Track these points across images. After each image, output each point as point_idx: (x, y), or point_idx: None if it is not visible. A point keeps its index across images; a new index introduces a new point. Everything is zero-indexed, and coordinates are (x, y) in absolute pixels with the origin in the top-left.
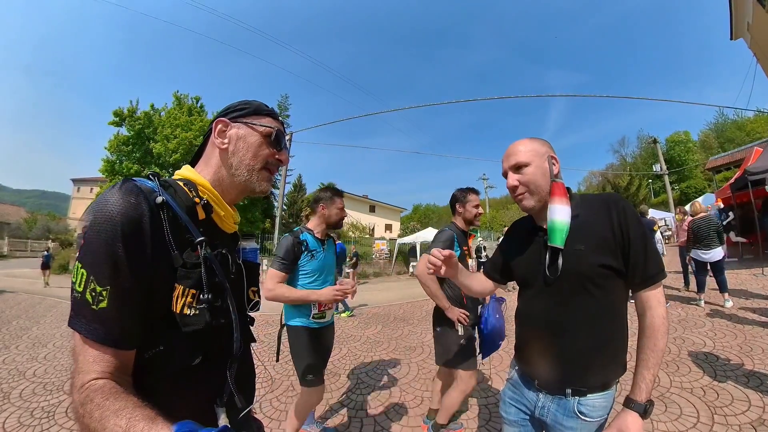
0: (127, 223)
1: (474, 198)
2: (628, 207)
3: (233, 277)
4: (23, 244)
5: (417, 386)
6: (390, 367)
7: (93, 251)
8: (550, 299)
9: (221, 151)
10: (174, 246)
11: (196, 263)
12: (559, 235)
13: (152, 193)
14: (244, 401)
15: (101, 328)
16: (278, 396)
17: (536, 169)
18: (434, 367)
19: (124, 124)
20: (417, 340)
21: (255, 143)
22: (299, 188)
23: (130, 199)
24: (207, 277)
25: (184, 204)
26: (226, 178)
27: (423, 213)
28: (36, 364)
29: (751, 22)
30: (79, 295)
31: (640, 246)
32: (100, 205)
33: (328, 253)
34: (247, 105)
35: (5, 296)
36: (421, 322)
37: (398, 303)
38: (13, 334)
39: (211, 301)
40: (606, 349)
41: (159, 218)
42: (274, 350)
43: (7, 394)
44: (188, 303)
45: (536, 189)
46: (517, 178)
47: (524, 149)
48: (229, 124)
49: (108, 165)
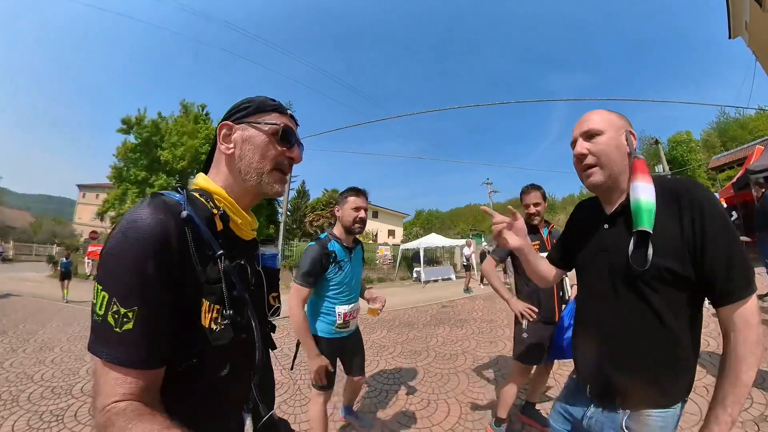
0: (158, 241)
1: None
2: (706, 199)
3: (253, 287)
4: (28, 248)
5: (423, 390)
6: (396, 371)
7: (117, 272)
8: (605, 298)
9: (228, 156)
10: (198, 261)
11: (218, 278)
12: (647, 216)
13: (178, 207)
14: (266, 408)
15: (124, 350)
16: (286, 400)
17: (610, 140)
18: (440, 371)
19: (132, 132)
20: (422, 345)
21: (261, 144)
22: (302, 194)
23: (159, 215)
24: (227, 292)
25: (204, 216)
26: (237, 185)
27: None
28: (43, 368)
29: (749, 21)
30: (100, 318)
31: (720, 251)
32: (131, 223)
33: (356, 261)
34: (249, 103)
35: (12, 300)
36: (426, 326)
37: (403, 308)
38: (20, 337)
39: (233, 316)
40: (664, 361)
41: (185, 233)
42: (281, 354)
43: (15, 398)
44: (214, 318)
45: (607, 162)
46: (588, 146)
47: (599, 117)
48: (233, 127)
49: (116, 172)
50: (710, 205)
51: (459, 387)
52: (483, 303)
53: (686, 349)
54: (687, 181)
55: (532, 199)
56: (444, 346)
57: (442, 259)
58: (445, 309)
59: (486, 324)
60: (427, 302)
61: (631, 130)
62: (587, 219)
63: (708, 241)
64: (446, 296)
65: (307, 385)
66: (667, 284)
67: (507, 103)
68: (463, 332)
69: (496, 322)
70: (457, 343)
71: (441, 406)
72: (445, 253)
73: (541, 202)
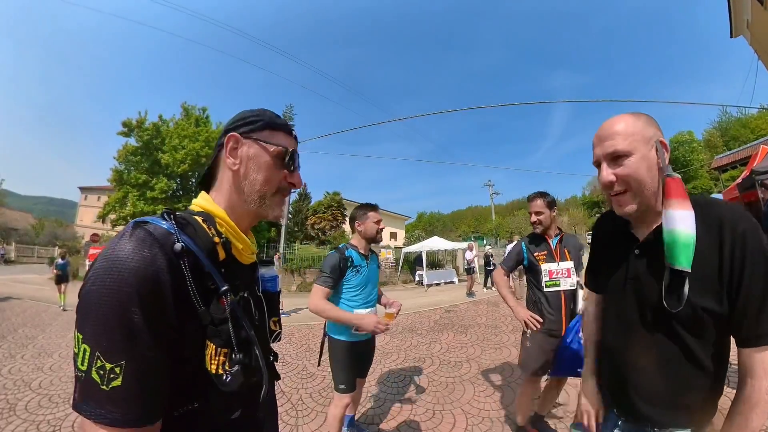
0: (142, 284)
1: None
2: (750, 232)
3: (257, 321)
4: (30, 250)
5: (427, 399)
6: (400, 379)
7: (98, 321)
8: (634, 328)
9: (233, 173)
10: (199, 299)
11: (224, 318)
12: (685, 252)
13: (169, 238)
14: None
15: (116, 410)
16: (288, 411)
17: (641, 160)
18: (445, 379)
19: (132, 135)
20: (426, 351)
21: (267, 165)
22: (304, 197)
23: (143, 251)
24: (235, 335)
25: (205, 246)
26: (238, 205)
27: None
28: (42, 375)
29: (750, 20)
30: (83, 374)
31: (756, 290)
32: (108, 261)
33: (372, 267)
34: (259, 118)
35: (11, 303)
36: (429, 332)
37: (405, 313)
38: (18, 342)
39: (243, 360)
40: (692, 394)
41: (180, 269)
42: (282, 362)
43: (12, 406)
44: (221, 363)
45: (639, 188)
46: (615, 172)
47: (625, 131)
48: (240, 141)
49: (117, 174)
50: (754, 238)
51: (465, 396)
52: (487, 308)
53: (714, 381)
54: (732, 208)
55: (534, 207)
56: (448, 353)
57: (444, 262)
58: (449, 314)
59: (490, 330)
60: (430, 306)
61: (662, 139)
62: (615, 239)
63: (744, 278)
64: (449, 300)
65: (310, 395)
66: (701, 322)
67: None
68: (467, 338)
69: (500, 328)
70: (461, 350)
71: (447, 417)
72: (448, 256)
73: (543, 210)
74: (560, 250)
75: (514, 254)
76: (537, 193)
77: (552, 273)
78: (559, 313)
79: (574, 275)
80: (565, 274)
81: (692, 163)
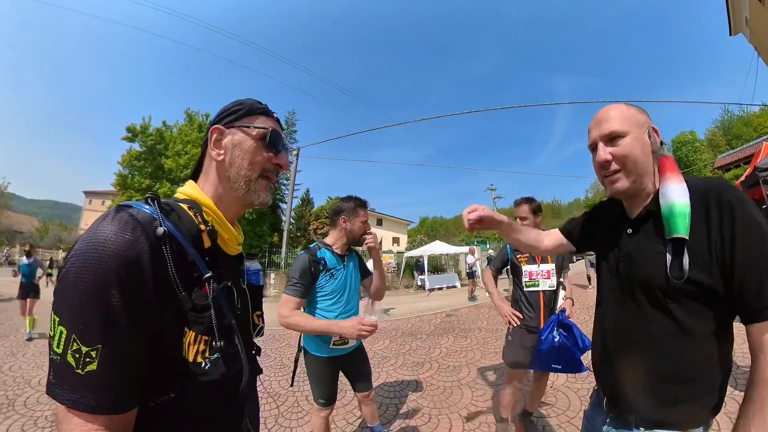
0: (122, 266)
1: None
2: (737, 201)
3: (239, 310)
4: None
5: (425, 404)
6: (397, 383)
7: (76, 303)
8: (624, 307)
9: (218, 163)
10: (180, 285)
11: (206, 305)
12: (681, 221)
13: (152, 223)
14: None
15: (90, 395)
16: (283, 413)
17: (635, 141)
18: (443, 384)
19: (137, 140)
20: (425, 356)
21: (250, 149)
22: (307, 202)
23: (125, 234)
24: (217, 321)
25: (190, 232)
26: (226, 194)
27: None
28: (41, 373)
29: (749, 17)
30: (58, 357)
31: (752, 261)
32: (88, 243)
33: (350, 270)
34: (240, 106)
35: (14, 303)
36: (429, 337)
37: (405, 317)
38: (20, 341)
39: (224, 348)
40: (685, 380)
41: (161, 254)
42: (279, 364)
43: (12, 402)
44: (201, 351)
45: (633, 167)
46: (611, 150)
47: (619, 114)
48: (224, 132)
49: (121, 179)
50: (741, 207)
51: (462, 401)
52: (488, 312)
53: (711, 367)
54: (716, 181)
55: (519, 213)
56: (447, 357)
57: (446, 267)
58: (450, 318)
59: (491, 334)
60: (431, 311)
61: (654, 126)
62: (608, 220)
63: (737, 249)
64: (450, 305)
65: (306, 397)
66: (692, 297)
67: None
68: (467, 342)
69: (501, 332)
70: (461, 354)
71: (443, 422)
72: (450, 261)
73: (528, 216)
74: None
75: (500, 255)
76: (523, 199)
77: (532, 274)
78: (538, 312)
79: (554, 277)
80: (544, 275)
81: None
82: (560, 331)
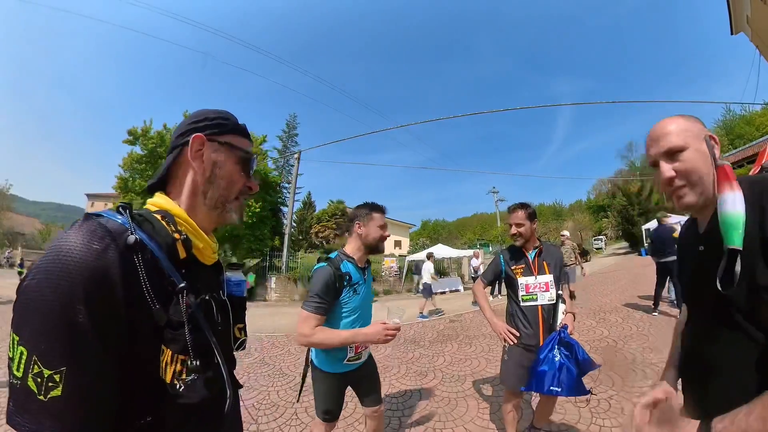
0: (89, 279)
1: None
2: None
3: (220, 325)
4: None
5: (429, 416)
6: (400, 394)
7: (36, 320)
8: (697, 327)
9: (195, 175)
10: (154, 298)
11: (181, 321)
12: (735, 231)
13: (123, 233)
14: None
15: (54, 425)
16: (281, 426)
17: (695, 153)
18: (447, 394)
19: (138, 143)
20: (428, 365)
21: (232, 171)
22: (308, 205)
23: (92, 244)
24: (193, 340)
25: (165, 241)
26: (200, 207)
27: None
28: None
29: (750, 16)
30: (18, 382)
31: None
32: (53, 253)
33: (369, 284)
34: (224, 120)
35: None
36: (433, 344)
37: (409, 322)
38: None
39: (200, 369)
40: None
41: (133, 265)
42: (279, 373)
43: (4, 409)
44: (177, 372)
45: (698, 180)
46: (674, 167)
47: (677, 128)
48: (205, 143)
49: (122, 182)
50: None
51: (468, 414)
52: None
53: None
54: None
55: (514, 219)
56: (452, 366)
57: (449, 270)
58: (453, 324)
59: (496, 341)
60: (434, 316)
61: (711, 134)
62: (686, 240)
63: None
64: (454, 309)
65: (305, 410)
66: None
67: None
68: (472, 350)
69: None
70: (465, 363)
71: None
72: (453, 264)
73: (524, 222)
74: (538, 264)
75: (492, 266)
76: (518, 205)
77: (529, 287)
78: (536, 328)
79: (553, 289)
80: (543, 288)
81: None
82: (561, 349)
